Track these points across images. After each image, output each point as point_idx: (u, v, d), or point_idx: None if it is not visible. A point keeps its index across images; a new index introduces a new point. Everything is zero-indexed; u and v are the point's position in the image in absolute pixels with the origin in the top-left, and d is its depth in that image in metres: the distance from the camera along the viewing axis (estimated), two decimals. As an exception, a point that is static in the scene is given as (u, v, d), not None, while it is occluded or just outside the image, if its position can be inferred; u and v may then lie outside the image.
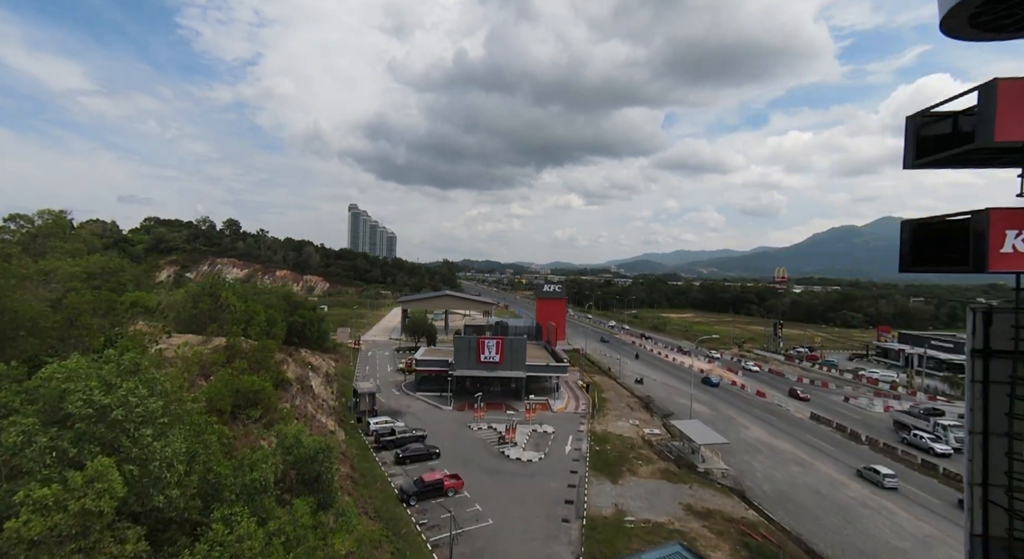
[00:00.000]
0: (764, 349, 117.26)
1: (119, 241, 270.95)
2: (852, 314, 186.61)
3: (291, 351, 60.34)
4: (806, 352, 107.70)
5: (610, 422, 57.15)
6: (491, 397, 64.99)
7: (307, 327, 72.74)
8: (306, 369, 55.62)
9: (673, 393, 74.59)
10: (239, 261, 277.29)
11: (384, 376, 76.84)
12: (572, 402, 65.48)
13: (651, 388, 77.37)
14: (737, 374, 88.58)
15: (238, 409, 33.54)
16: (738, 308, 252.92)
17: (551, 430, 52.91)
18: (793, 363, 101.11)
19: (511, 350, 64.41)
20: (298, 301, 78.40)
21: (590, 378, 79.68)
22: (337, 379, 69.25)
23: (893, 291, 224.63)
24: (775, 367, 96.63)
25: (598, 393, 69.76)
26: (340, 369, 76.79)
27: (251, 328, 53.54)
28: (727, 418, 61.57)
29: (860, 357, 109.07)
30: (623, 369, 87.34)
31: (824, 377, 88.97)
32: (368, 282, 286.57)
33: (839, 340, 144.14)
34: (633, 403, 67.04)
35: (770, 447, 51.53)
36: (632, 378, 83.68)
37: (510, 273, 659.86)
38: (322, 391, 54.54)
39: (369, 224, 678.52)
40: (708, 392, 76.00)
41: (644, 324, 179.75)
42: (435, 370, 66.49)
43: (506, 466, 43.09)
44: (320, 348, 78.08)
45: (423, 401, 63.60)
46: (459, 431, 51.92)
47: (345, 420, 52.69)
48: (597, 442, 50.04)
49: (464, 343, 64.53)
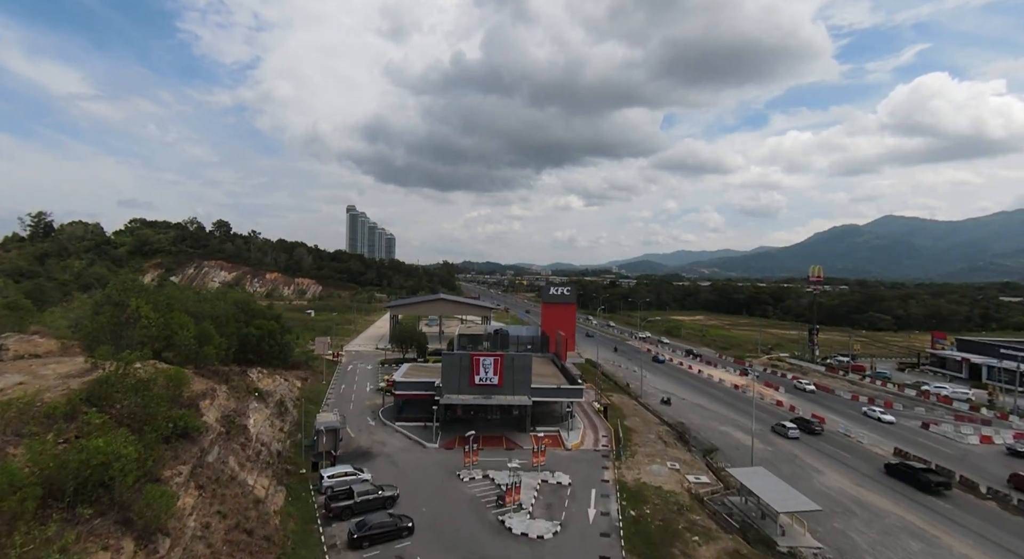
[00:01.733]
0: (797, 357, 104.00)
1: (101, 244, 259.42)
2: (880, 316, 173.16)
3: (234, 374, 47.39)
4: (849, 361, 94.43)
5: (642, 465, 44.07)
6: (488, 428, 52.01)
7: (265, 340, 59.85)
8: (247, 400, 42.64)
9: (710, 418, 61.43)
10: (227, 263, 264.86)
11: (361, 398, 63.87)
12: (589, 433, 52.43)
13: (681, 411, 64.27)
14: (779, 391, 75.41)
15: (75, 496, 20.64)
16: (752, 309, 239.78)
17: (566, 480, 39.91)
18: (837, 375, 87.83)
19: (513, 370, 51.42)
20: (256, 309, 65.46)
21: (607, 399, 66.62)
22: (300, 404, 56.27)
23: (919, 291, 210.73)
24: (819, 380, 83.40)
25: (620, 420, 56.71)
26: (309, 390, 63.84)
27: (171, 348, 40.64)
28: (788, 456, 48.40)
29: (911, 367, 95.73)
30: (643, 384, 74.22)
31: (882, 394, 75.61)
32: (362, 285, 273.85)
33: (872, 346, 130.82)
34: (664, 433, 53.96)
35: (864, 505, 38.39)
36: (656, 397, 70.64)
37: (511, 274, 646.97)
38: (265, 430, 41.54)
39: (367, 226, 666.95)
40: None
41: (656, 328, 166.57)
42: (418, 395, 53.48)
43: (509, 550, 30.11)
44: (284, 364, 65.15)
45: (403, 434, 50.59)
46: (445, 483, 38.93)
47: (296, 469, 39.75)
48: (631, 501, 37.00)
49: (454, 362, 51.53)
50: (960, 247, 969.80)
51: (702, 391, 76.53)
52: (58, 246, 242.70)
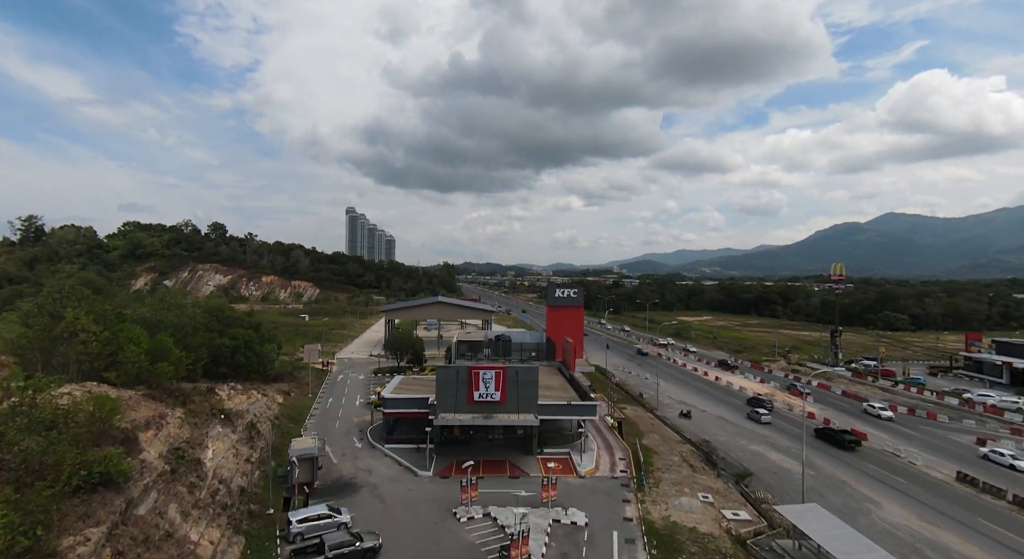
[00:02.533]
0: (819, 361, 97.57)
1: (93, 248, 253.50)
2: (896, 315, 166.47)
3: (197, 393, 41.22)
4: (876, 365, 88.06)
5: (669, 498, 37.79)
6: (490, 450, 45.85)
7: (240, 351, 53.72)
8: (208, 425, 36.47)
9: (736, 434, 55.09)
10: (222, 267, 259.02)
11: (348, 414, 57.70)
12: (604, 456, 46.19)
13: (704, 425, 57.99)
14: (806, 400, 69.03)
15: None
16: (760, 309, 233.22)
17: (582, 519, 33.68)
18: (865, 381, 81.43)
19: (517, 385, 45.24)
20: (232, 316, 59.32)
21: (621, 412, 60.37)
22: (277, 425, 50.13)
23: (934, 288, 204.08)
24: (846, 387, 77.10)
25: (638, 439, 50.49)
26: (291, 406, 57.70)
27: (116, 367, 34.52)
28: (836, 483, 42.11)
29: (943, 371, 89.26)
30: (656, 392, 67.93)
31: (922, 403, 69.18)
32: (360, 287, 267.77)
33: (894, 347, 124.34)
34: (689, 454, 47.70)
35: (938, 548, 32.11)
36: (672, 408, 64.46)
37: (511, 275, 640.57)
38: (227, 462, 35.37)
39: (367, 227, 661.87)
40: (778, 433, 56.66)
41: (664, 330, 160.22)
42: (410, 413, 47.30)
43: (514, 623, 23.90)
44: (264, 378, 59.03)
45: (393, 459, 44.44)
46: (439, 526, 32.72)
47: (262, 509, 33.58)
48: (661, 548, 30.75)
49: (449, 376, 45.33)
50: (962, 244, 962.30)
51: (722, 401, 70.26)
52: (48, 250, 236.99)
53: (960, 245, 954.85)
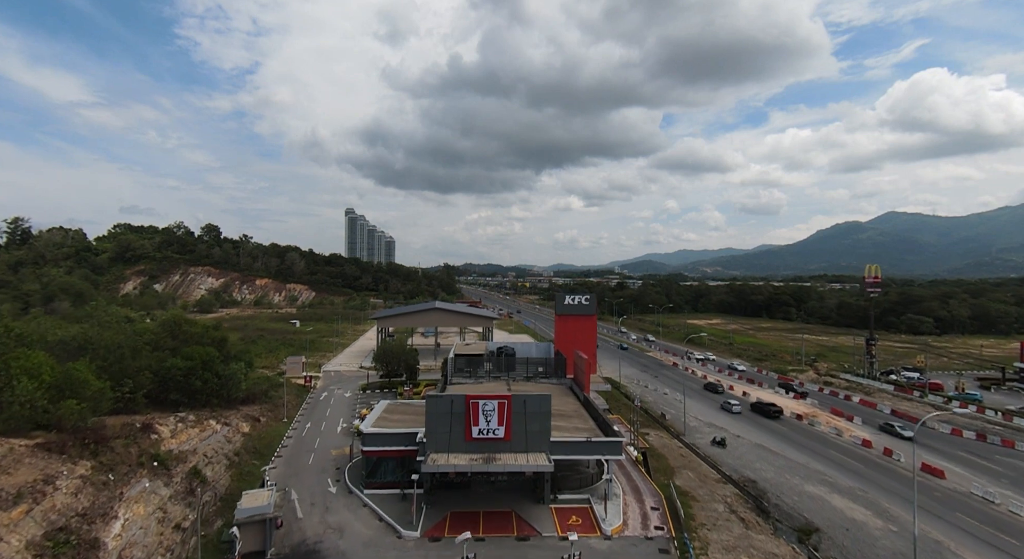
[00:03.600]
0: (852, 372, 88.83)
1: (81, 250, 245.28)
2: (920, 318, 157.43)
3: (124, 434, 32.75)
4: (920, 378, 79.38)
5: (724, 571, 29.28)
6: (491, 499, 37.41)
7: (196, 373, 45.30)
8: (122, 486, 28.01)
9: (785, 469, 46.43)
10: (215, 269, 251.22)
11: (326, 445, 49.23)
12: (633, 505, 37.66)
13: (743, 457, 49.43)
14: (853, 422, 60.52)
15: None
16: (772, 312, 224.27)
17: (616, 612, 25.20)
18: (911, 396, 72.74)
19: (526, 417, 36.80)
20: (192, 332, 50.79)
21: (644, 440, 51.84)
22: (238, 464, 41.74)
23: (956, 289, 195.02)
24: (892, 404, 68.49)
25: (671, 479, 42.01)
26: (259, 436, 49.27)
27: None
28: (929, 544, 33.46)
29: (995, 383, 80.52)
30: (683, 414, 59.36)
31: (993, 428, 60.23)
32: (358, 290, 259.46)
33: (930, 354, 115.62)
34: (734, 500, 39.18)
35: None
36: (700, 432, 56.03)
37: (512, 276, 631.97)
38: (147, 534, 26.92)
39: (367, 229, 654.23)
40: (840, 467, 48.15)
41: (675, 335, 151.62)
42: (393, 451, 38.89)
43: None
44: (227, 402, 50.57)
45: (372, 510, 35.99)
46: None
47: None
48: None
49: (442, 408, 36.84)
50: (964, 242, 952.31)
51: (756, 422, 61.72)
52: (34, 253, 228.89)
53: (962, 244, 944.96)
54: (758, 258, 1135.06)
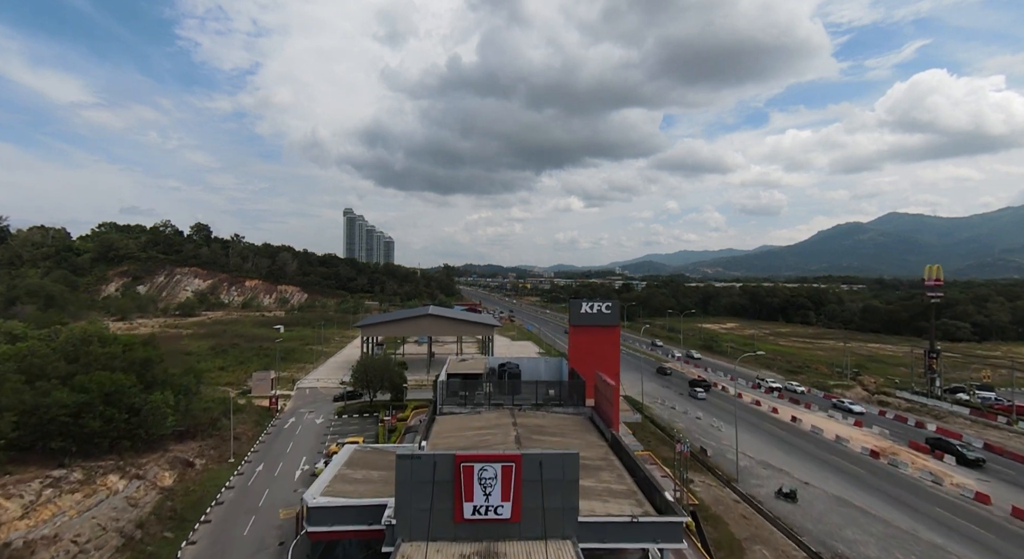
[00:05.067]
0: (910, 389, 76.84)
1: (62, 250, 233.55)
2: (956, 323, 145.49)
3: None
4: (1000, 398, 67.54)
5: None
6: (493, 608, 25.56)
7: (91, 412, 33.51)
8: None
9: (888, 538, 34.39)
10: (202, 270, 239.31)
11: (275, 501, 37.38)
12: (698, 612, 25.80)
13: (821, 515, 37.62)
14: (943, 461, 48.68)
15: None
16: (789, 315, 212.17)
17: None
18: (995, 422, 60.97)
19: (543, 487, 25.00)
20: (106, 353, 38.88)
21: (692, 496, 39.98)
22: (141, 542, 29.96)
23: (989, 291, 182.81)
24: (977, 432, 56.73)
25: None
26: (186, 489, 37.47)
27: None
28: None
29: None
30: (736, 456, 47.47)
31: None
32: (352, 291, 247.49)
33: (967, 364, 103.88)
34: (837, 599, 27.33)
35: None
36: (754, 475, 44.29)
37: (512, 277, 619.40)
38: None
39: (365, 229, 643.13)
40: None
41: (692, 341, 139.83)
42: (351, 532, 27.16)
43: None
44: (147, 444, 38.77)
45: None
46: None
47: None
48: None
49: (420, 475, 24.95)
50: (966, 243, 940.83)
51: (816, 458, 49.88)
52: (11, 253, 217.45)
53: (964, 244, 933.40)
54: (759, 259, 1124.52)
